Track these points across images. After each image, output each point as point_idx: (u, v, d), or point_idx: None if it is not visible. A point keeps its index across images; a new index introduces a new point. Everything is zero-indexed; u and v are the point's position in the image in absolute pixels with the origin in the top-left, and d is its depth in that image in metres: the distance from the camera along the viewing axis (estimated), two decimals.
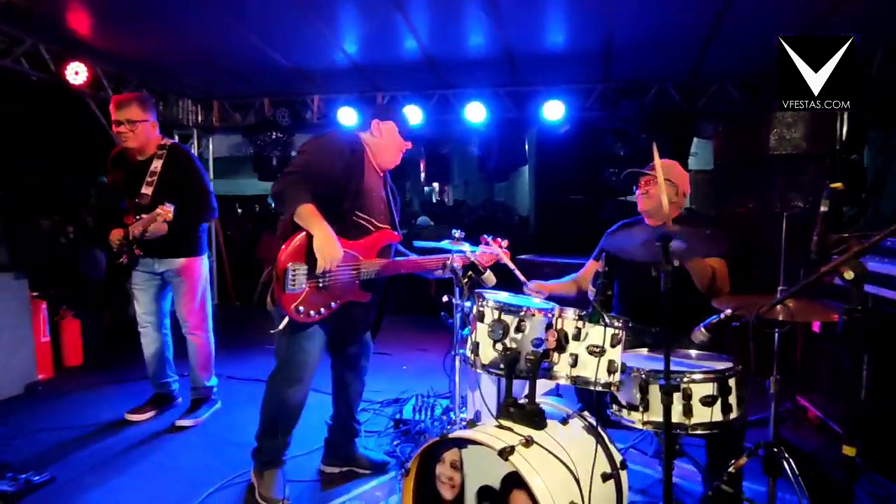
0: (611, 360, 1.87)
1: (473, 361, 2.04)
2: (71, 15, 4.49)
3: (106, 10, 4.31)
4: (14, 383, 3.84)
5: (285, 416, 2.45)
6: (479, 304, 2.05)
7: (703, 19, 4.13)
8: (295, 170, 2.26)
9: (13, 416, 3.48)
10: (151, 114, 3.18)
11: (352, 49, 5.06)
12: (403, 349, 5.08)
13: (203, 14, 4.15)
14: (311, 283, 2.23)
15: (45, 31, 4.65)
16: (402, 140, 2.51)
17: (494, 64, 5.32)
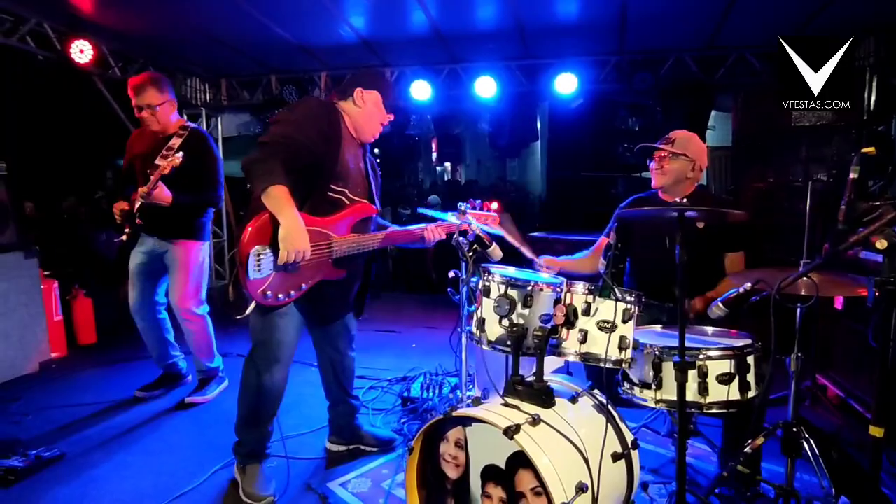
0: (622, 336, 1.79)
1: (479, 338, 1.98)
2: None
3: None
4: (28, 361, 3.88)
5: (266, 401, 2.26)
6: (486, 278, 1.98)
7: None
8: (270, 141, 2.00)
9: (27, 394, 3.52)
10: (169, 93, 3.15)
11: (358, 23, 4.93)
12: (412, 327, 5.05)
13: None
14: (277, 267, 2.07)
15: (48, 8, 4.59)
16: (385, 112, 2.33)
17: (505, 36, 5.16)
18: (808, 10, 4.11)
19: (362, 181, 2.32)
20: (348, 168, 2.23)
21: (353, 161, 2.27)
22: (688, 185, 2.49)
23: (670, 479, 2.37)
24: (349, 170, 2.24)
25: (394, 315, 5.55)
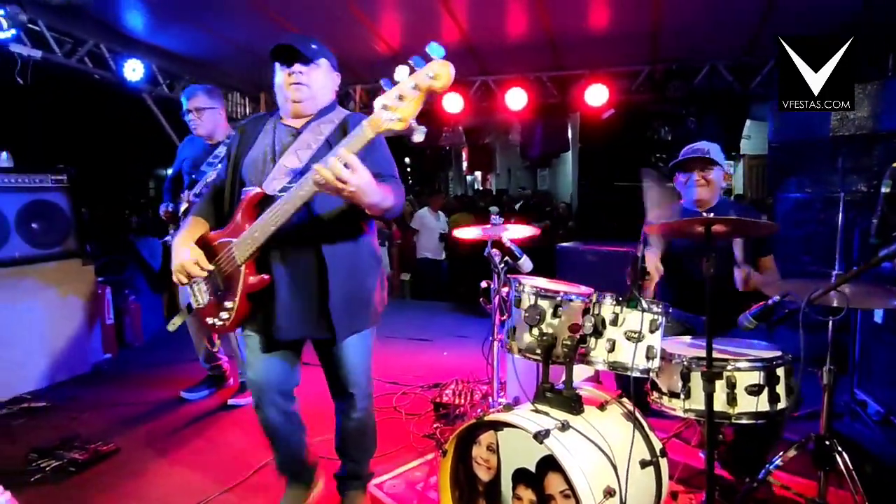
0: (649, 346, 1.83)
1: (511, 346, 2.05)
2: (128, 14, 4.73)
3: (161, 9, 4.51)
4: (83, 362, 4.13)
5: (268, 439, 2.12)
6: (516, 289, 2.05)
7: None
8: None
9: (82, 392, 3.75)
10: (218, 102, 3.34)
11: (392, 39, 5.09)
12: (444, 335, 5.13)
13: (250, 11, 4.28)
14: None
15: (105, 30, 4.90)
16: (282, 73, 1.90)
17: (536, 48, 5.24)
18: (845, 18, 4.06)
19: (262, 165, 1.90)
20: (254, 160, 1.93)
21: (257, 149, 1.95)
22: (716, 195, 2.52)
23: (700, 490, 2.38)
24: (249, 163, 1.94)
25: (426, 323, 5.65)
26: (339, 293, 1.87)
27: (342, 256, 1.88)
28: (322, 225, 1.85)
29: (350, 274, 1.90)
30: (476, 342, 4.69)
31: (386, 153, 1.93)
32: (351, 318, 1.93)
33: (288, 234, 1.80)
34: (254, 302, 1.86)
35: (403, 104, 1.51)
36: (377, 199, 1.66)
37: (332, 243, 1.87)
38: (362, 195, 1.59)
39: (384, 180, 1.77)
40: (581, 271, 4.64)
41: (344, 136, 1.73)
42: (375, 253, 2.04)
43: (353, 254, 1.92)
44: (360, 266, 1.95)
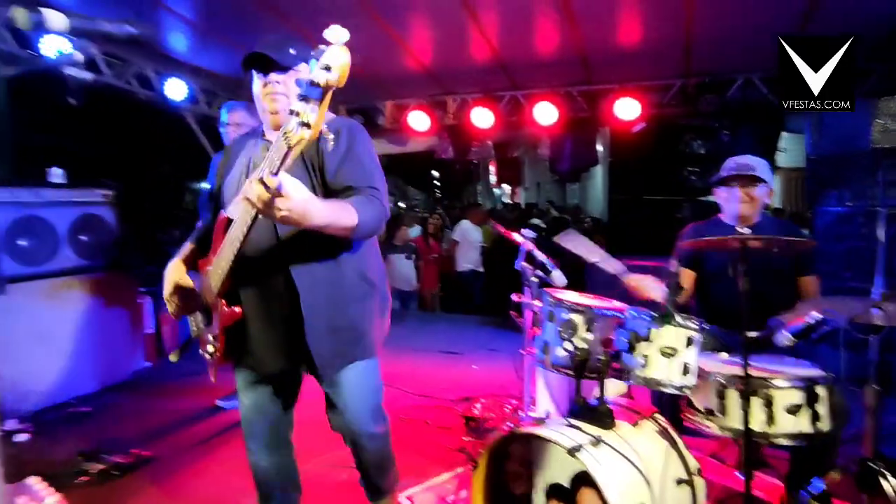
0: (685, 363, 1.82)
1: (543, 360, 2.06)
2: (172, 36, 4.95)
3: (203, 31, 4.71)
4: (124, 370, 4.28)
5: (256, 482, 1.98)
6: (549, 303, 2.06)
7: (796, 7, 3.87)
8: None
9: (124, 399, 3.89)
10: (256, 119, 3.44)
11: (423, 55, 5.19)
12: (474, 349, 5.14)
13: (283, 31, 4.43)
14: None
15: (151, 52, 5.14)
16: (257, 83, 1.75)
17: (566, 64, 5.26)
18: (883, 30, 3.97)
19: (237, 185, 1.73)
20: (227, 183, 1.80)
21: (236, 168, 1.80)
22: (759, 211, 2.47)
23: None
24: (227, 184, 1.79)
25: (457, 337, 5.67)
26: (317, 323, 1.65)
27: (319, 281, 1.66)
28: (289, 247, 1.62)
29: (330, 300, 1.68)
30: (506, 356, 4.70)
31: (363, 160, 1.68)
32: (336, 350, 1.70)
33: (255, 261, 1.64)
34: (232, 335, 1.69)
35: (309, 107, 1.24)
36: (325, 221, 1.42)
37: (305, 266, 1.65)
38: (300, 219, 1.34)
39: (357, 193, 1.59)
40: (612, 285, 4.59)
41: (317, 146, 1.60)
42: (366, 274, 1.77)
43: (334, 277, 1.68)
44: (343, 290, 1.70)
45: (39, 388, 3.62)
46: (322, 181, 1.66)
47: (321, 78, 1.23)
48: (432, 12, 4.38)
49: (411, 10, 4.35)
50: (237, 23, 4.47)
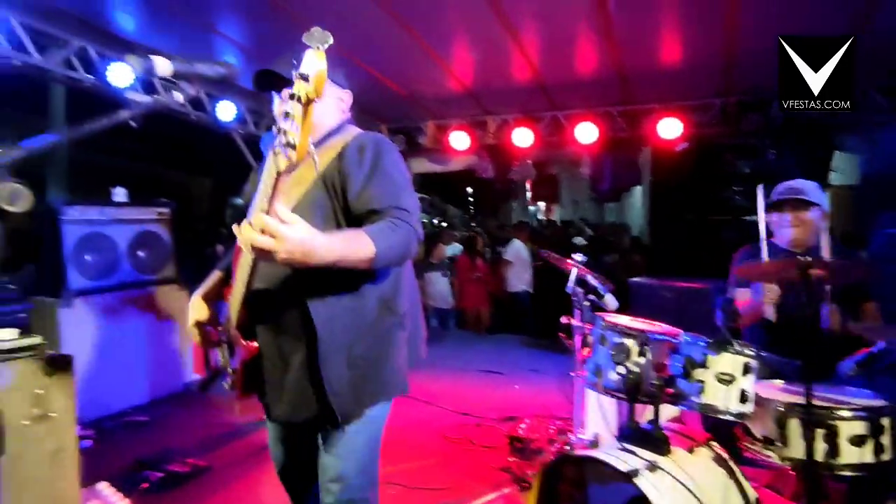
0: (742, 390, 1.80)
1: (595, 383, 2.06)
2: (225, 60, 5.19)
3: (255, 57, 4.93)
4: (177, 381, 4.45)
5: None
6: (601, 326, 2.07)
7: (845, 19, 3.80)
8: None
9: (177, 409, 4.04)
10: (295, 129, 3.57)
11: (464, 76, 5.30)
12: (515, 368, 5.13)
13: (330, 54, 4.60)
14: None
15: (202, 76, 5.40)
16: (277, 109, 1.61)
17: (606, 84, 5.28)
18: None
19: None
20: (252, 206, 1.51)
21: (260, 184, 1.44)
22: (814, 236, 2.42)
23: None
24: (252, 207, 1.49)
25: (498, 356, 5.68)
26: (335, 357, 1.46)
27: (338, 313, 1.47)
28: (304, 276, 1.40)
29: (349, 333, 1.49)
30: (548, 377, 4.70)
31: (391, 178, 1.48)
32: (356, 391, 1.50)
33: (268, 291, 1.49)
34: (251, 371, 1.55)
35: (294, 125, 1.08)
36: (334, 257, 1.24)
37: (323, 298, 1.46)
38: (304, 259, 1.18)
39: (382, 217, 1.40)
40: (655, 307, 4.54)
41: (339, 165, 1.49)
42: (392, 304, 1.57)
43: (354, 308, 1.49)
44: (364, 322, 1.51)
45: (98, 397, 3.79)
46: (344, 204, 1.48)
47: (300, 90, 1.07)
48: (474, 34, 4.47)
49: (453, 32, 4.45)
50: (285, 46, 4.66)
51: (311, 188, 1.48)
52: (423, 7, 3.73)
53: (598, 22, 3.99)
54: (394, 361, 1.58)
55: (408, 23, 3.95)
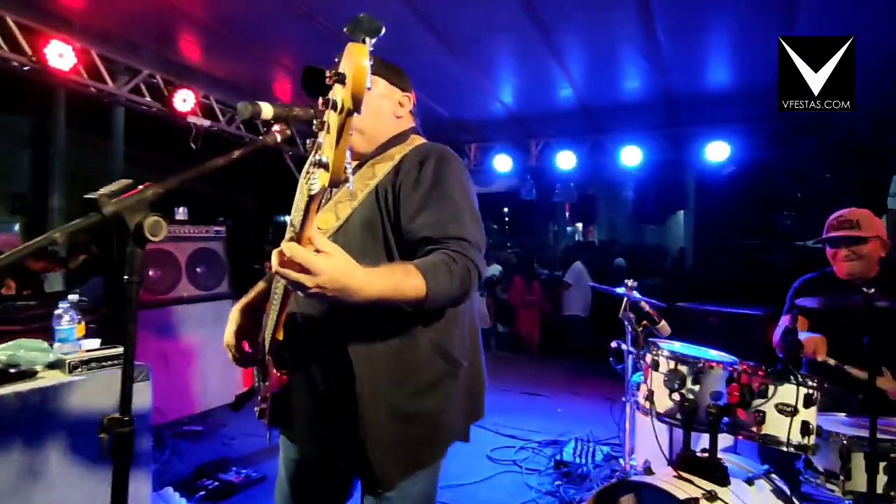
0: (804, 422, 1.77)
1: (649, 409, 2.06)
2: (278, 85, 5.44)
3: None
4: (228, 393, 4.60)
5: None
6: (654, 353, 2.08)
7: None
8: None
9: (229, 420, 4.18)
10: None
11: (508, 99, 5.39)
12: (556, 391, 5.11)
13: None
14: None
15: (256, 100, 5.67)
16: None
17: (652, 107, 5.28)
18: None
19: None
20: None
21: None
22: (874, 266, 2.36)
23: None
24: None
25: (538, 379, 5.66)
26: (375, 409, 1.26)
27: (382, 355, 1.27)
28: (351, 308, 1.10)
29: (395, 381, 1.28)
30: (590, 401, 4.66)
31: (453, 201, 1.26)
32: (398, 451, 1.29)
33: (306, 319, 1.33)
34: (280, 402, 1.39)
35: (327, 139, 0.89)
36: (375, 295, 1.05)
37: (363, 335, 1.27)
38: (339, 295, 1.01)
39: (438, 248, 1.19)
40: (701, 332, 4.46)
41: (396, 178, 1.30)
42: (447, 349, 1.34)
43: (402, 351, 1.28)
44: (413, 369, 1.29)
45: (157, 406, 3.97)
46: (395, 224, 1.28)
47: (337, 93, 0.88)
48: (521, 60, 4.55)
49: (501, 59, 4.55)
50: None
51: (363, 205, 1.30)
52: (472, 33, 3.81)
53: (645, 47, 4.02)
54: (445, 419, 1.34)
55: (456, 49, 4.06)
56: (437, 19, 3.61)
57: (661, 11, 3.44)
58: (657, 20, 3.57)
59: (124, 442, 0.98)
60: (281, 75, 5.11)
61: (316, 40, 4.06)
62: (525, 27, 3.68)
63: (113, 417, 0.98)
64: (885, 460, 1.76)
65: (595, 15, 3.58)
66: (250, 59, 4.53)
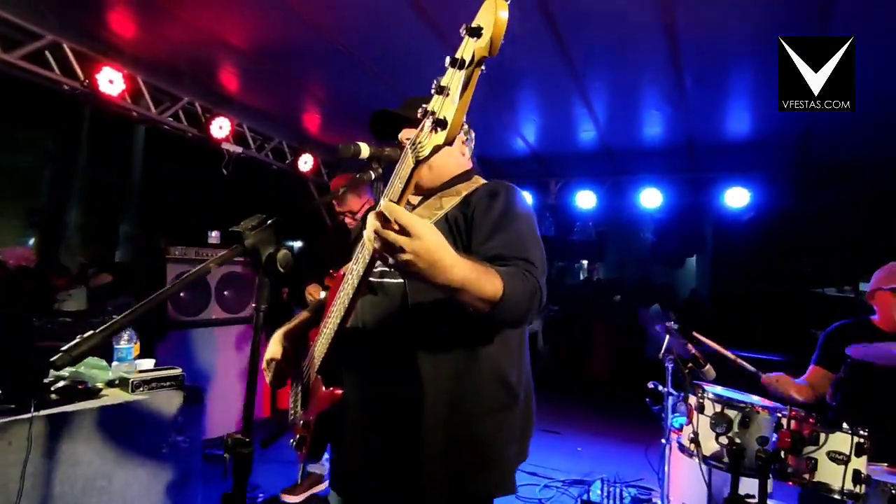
0: (856, 470, 1.80)
1: (694, 452, 2.08)
2: (307, 116, 5.60)
3: (333, 117, 5.32)
4: (256, 417, 4.59)
5: None
6: (699, 395, 2.11)
7: None
8: None
9: (257, 444, 4.15)
10: (367, 194, 3.46)
11: (531, 138, 5.52)
12: (572, 429, 5.07)
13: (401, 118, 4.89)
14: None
15: (288, 130, 5.82)
16: None
17: (672, 152, 5.40)
18: None
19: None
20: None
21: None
22: None
23: None
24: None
25: (554, 415, 5.62)
26: (434, 431, 1.25)
27: (446, 376, 1.27)
28: (417, 321, 1.25)
29: (455, 405, 1.27)
30: (609, 439, 4.62)
31: (521, 229, 1.31)
32: (451, 474, 1.26)
33: (373, 331, 1.33)
34: (326, 426, 1.36)
35: (447, 99, 0.90)
36: (460, 278, 1.02)
37: (434, 351, 1.27)
38: (428, 268, 0.97)
39: (506, 264, 1.21)
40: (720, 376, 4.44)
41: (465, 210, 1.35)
42: (507, 378, 1.33)
43: (464, 374, 1.28)
44: (473, 394, 1.28)
45: None
46: (466, 251, 1.29)
47: (468, 50, 0.88)
48: (546, 100, 4.65)
49: (529, 97, 4.65)
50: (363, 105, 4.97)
51: (437, 225, 1.32)
52: (502, 74, 3.92)
53: (672, 93, 4.15)
54: (502, 451, 1.31)
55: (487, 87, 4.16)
56: None
57: (689, 60, 3.57)
58: (686, 68, 3.70)
59: (245, 461, 1.03)
60: (310, 105, 5.26)
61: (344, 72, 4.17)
62: (556, 68, 3.79)
63: (236, 438, 1.03)
64: None
65: (626, 61, 3.72)
66: (283, 89, 4.68)
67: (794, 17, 2.90)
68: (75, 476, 1.77)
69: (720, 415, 2.02)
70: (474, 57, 0.87)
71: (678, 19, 2.99)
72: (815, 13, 2.81)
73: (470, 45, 0.88)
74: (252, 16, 3.36)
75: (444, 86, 0.90)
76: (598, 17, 3.09)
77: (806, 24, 2.93)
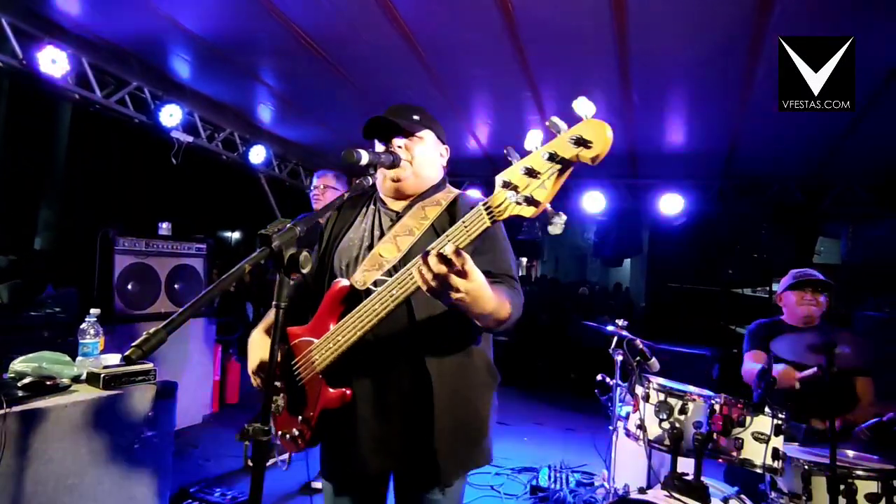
0: (775, 448, 2.08)
1: (639, 437, 2.31)
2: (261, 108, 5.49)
3: (289, 108, 5.26)
4: (196, 413, 4.51)
5: None
6: (646, 386, 2.34)
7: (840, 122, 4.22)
8: None
9: (200, 441, 4.09)
10: (342, 186, 3.51)
11: (483, 138, 5.69)
12: (518, 420, 5.31)
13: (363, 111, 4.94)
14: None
15: (241, 121, 5.70)
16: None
17: (615, 159, 5.74)
18: None
19: (356, 252, 1.60)
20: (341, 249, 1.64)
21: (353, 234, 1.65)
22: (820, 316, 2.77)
23: None
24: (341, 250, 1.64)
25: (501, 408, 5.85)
26: (445, 418, 1.46)
27: (448, 373, 1.48)
28: (424, 332, 1.47)
29: (458, 394, 1.49)
30: (553, 430, 4.89)
31: (505, 246, 1.54)
32: (457, 453, 1.50)
33: (381, 341, 1.47)
34: (330, 421, 1.50)
35: (536, 182, 1.13)
36: (490, 309, 1.27)
37: (438, 355, 1.48)
38: (472, 304, 1.21)
39: (498, 282, 1.40)
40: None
41: (452, 220, 1.46)
42: (491, 365, 1.62)
43: (463, 369, 1.52)
44: (470, 385, 1.53)
45: None
46: None
47: (568, 151, 1.09)
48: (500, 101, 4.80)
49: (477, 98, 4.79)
50: (321, 100, 4.96)
51: (422, 239, 1.49)
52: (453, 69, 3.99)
53: (620, 105, 4.44)
54: (488, 427, 1.59)
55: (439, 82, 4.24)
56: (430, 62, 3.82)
57: (638, 80, 3.86)
58: (634, 88, 3.99)
59: (263, 448, 1.10)
60: (266, 97, 5.18)
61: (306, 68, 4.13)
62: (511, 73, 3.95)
63: (257, 427, 1.10)
64: (843, 483, 2.08)
65: (579, 72, 3.95)
66: (237, 79, 4.58)
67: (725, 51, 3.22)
68: (47, 474, 1.74)
69: (664, 403, 2.25)
70: (572, 159, 1.10)
71: (630, 42, 3.24)
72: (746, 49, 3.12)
73: (568, 147, 1.10)
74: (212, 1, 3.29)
75: (535, 170, 1.13)
76: (556, 30, 3.27)
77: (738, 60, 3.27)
